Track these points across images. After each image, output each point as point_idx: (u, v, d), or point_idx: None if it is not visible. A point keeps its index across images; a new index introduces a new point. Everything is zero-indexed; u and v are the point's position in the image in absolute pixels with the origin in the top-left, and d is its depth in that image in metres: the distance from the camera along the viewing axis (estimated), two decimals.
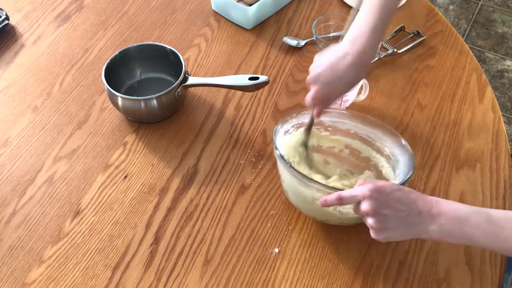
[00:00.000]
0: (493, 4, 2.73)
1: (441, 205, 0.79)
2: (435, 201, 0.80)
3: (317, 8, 1.41)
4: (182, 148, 1.13)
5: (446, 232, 0.79)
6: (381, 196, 0.80)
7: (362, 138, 1.03)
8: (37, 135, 1.16)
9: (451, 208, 0.79)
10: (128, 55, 1.20)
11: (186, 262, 0.97)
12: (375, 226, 0.81)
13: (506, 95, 2.35)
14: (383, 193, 0.80)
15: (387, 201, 0.79)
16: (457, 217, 0.78)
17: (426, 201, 0.80)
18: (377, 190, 0.80)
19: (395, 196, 0.80)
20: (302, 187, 0.91)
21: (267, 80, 1.10)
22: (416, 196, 0.81)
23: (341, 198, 0.83)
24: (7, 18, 1.36)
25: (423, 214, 0.79)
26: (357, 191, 0.82)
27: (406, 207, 0.80)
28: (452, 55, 1.29)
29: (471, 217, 0.78)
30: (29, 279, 0.95)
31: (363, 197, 0.81)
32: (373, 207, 0.80)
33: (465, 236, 0.79)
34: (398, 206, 0.80)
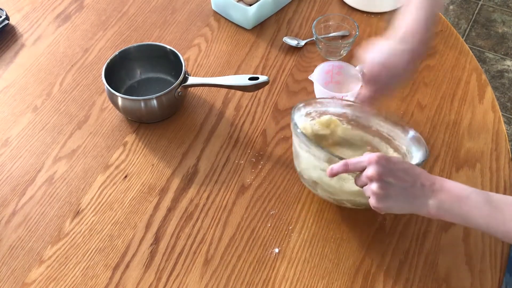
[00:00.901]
0: (493, 4, 2.73)
1: (444, 182, 0.81)
2: (439, 178, 0.82)
3: (317, 8, 1.41)
4: (182, 148, 1.13)
5: (445, 208, 0.80)
6: (388, 164, 0.81)
7: (383, 136, 1.04)
8: (37, 135, 1.16)
9: (454, 186, 0.81)
10: (128, 55, 1.20)
11: (186, 262, 0.97)
12: (378, 192, 0.81)
13: (506, 95, 2.35)
14: (390, 162, 0.81)
15: (393, 170, 0.81)
16: (458, 194, 0.80)
17: (430, 177, 0.82)
18: (385, 158, 0.81)
19: (401, 166, 0.82)
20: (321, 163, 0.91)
21: (267, 80, 1.10)
22: (421, 171, 0.83)
23: (347, 164, 0.84)
24: (7, 18, 1.36)
25: (426, 188, 0.80)
26: (364, 157, 0.83)
27: (410, 178, 0.81)
28: (452, 55, 1.29)
29: (472, 196, 0.79)
30: (29, 279, 0.95)
31: (369, 163, 0.81)
32: (379, 172, 0.80)
33: (463, 214, 0.80)
34: (403, 176, 0.81)
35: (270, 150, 1.12)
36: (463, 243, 0.98)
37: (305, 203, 1.04)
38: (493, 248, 0.97)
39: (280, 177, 1.08)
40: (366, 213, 1.00)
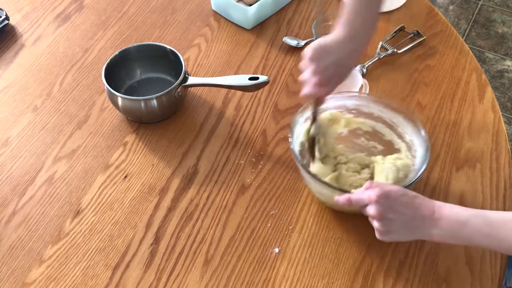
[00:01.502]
0: (493, 4, 2.73)
1: (442, 210, 0.82)
2: (437, 206, 0.83)
3: (317, 8, 1.41)
4: (182, 148, 1.13)
5: (447, 235, 0.83)
6: (387, 202, 0.83)
7: (386, 122, 1.04)
8: (37, 135, 1.16)
9: (452, 213, 0.82)
10: (128, 55, 1.20)
11: (186, 262, 0.97)
12: (381, 229, 0.85)
13: (506, 95, 2.35)
14: (389, 199, 0.83)
15: (392, 206, 0.83)
16: (457, 220, 0.81)
17: (428, 207, 0.83)
18: (383, 196, 0.83)
19: (400, 201, 0.83)
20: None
21: (267, 80, 1.10)
22: (420, 201, 0.84)
23: (350, 201, 0.88)
24: (7, 18, 1.36)
25: (426, 219, 0.82)
26: (364, 195, 0.85)
27: (410, 211, 0.83)
28: (452, 55, 1.29)
29: (471, 220, 0.81)
30: (29, 279, 0.95)
31: (370, 202, 0.84)
32: (379, 212, 0.83)
33: (465, 237, 0.82)
34: (403, 210, 0.83)
35: (270, 150, 1.12)
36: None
37: (305, 203, 1.04)
38: None
39: (280, 177, 1.08)
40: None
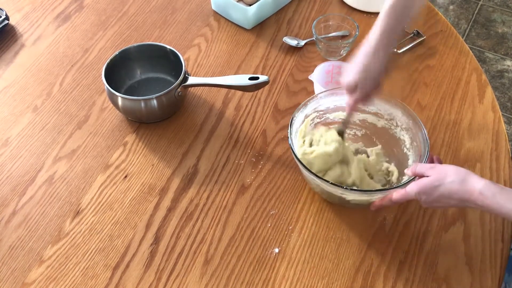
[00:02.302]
0: (493, 4, 2.73)
1: (484, 199, 0.83)
2: (478, 192, 0.83)
3: (317, 8, 1.41)
4: (182, 148, 1.13)
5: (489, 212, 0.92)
6: (427, 198, 0.88)
7: (376, 113, 1.07)
8: (37, 135, 1.16)
9: (494, 202, 0.82)
10: (128, 55, 1.20)
11: (186, 262, 0.97)
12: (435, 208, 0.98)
13: (506, 95, 2.35)
14: (426, 194, 0.88)
15: (434, 199, 0.87)
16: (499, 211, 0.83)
17: (468, 191, 0.84)
18: (420, 193, 0.88)
19: (437, 193, 0.86)
20: None
21: (267, 80, 1.10)
22: (457, 187, 0.85)
23: (393, 202, 0.93)
24: (7, 18, 1.36)
25: (469, 202, 0.85)
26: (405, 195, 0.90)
27: (450, 199, 0.86)
28: (452, 55, 1.29)
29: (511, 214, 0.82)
30: (29, 279, 0.95)
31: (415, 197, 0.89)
32: (426, 205, 0.90)
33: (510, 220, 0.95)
34: (443, 200, 0.87)
35: (270, 150, 1.12)
36: (463, 243, 0.98)
37: (305, 203, 1.04)
38: (493, 248, 0.97)
39: (280, 177, 1.08)
40: (366, 213, 1.00)
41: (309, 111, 1.06)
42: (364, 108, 1.07)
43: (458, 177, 0.85)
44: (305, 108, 1.04)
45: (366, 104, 1.05)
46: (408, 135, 1.03)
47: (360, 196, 0.96)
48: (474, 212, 1.02)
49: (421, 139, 0.99)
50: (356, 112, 1.06)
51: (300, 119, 1.04)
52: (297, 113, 1.03)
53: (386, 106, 1.05)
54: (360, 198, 0.96)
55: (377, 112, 1.07)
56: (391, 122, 1.06)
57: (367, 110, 1.07)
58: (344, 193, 0.95)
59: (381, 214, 1.02)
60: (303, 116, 1.05)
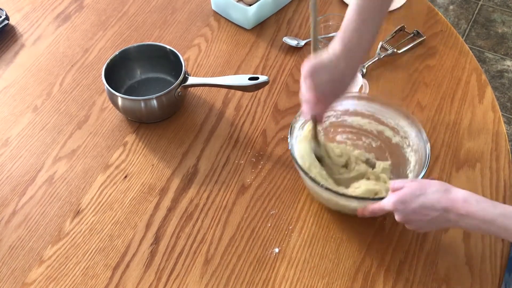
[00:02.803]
0: (493, 4, 2.73)
1: (468, 206, 0.81)
2: (462, 200, 0.81)
3: (317, 8, 1.41)
4: (182, 148, 1.13)
5: (475, 228, 0.84)
6: (405, 207, 0.84)
7: (375, 118, 1.07)
8: (37, 135, 1.16)
9: (479, 210, 0.80)
10: (128, 55, 1.20)
11: (186, 262, 0.97)
12: (410, 228, 0.89)
13: (506, 95, 2.35)
14: (406, 203, 0.84)
15: (412, 210, 0.84)
16: (483, 218, 0.80)
17: (452, 200, 0.82)
18: (399, 201, 0.85)
19: (417, 203, 0.83)
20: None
21: (267, 80, 1.10)
22: (440, 195, 0.83)
23: (373, 212, 0.91)
24: (7, 18, 1.36)
25: (451, 213, 0.82)
26: (383, 204, 0.88)
27: (431, 210, 0.83)
28: (452, 55, 1.29)
29: (497, 220, 0.79)
30: (29, 279, 0.95)
31: (391, 209, 0.86)
32: (401, 218, 0.86)
33: (492, 233, 0.86)
34: (423, 211, 0.83)
35: (270, 150, 1.12)
36: (463, 243, 0.98)
37: (305, 203, 1.04)
38: (493, 248, 0.97)
39: (280, 177, 1.08)
40: None
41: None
42: (383, 120, 1.05)
43: (442, 187, 0.84)
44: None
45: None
46: (415, 158, 1.01)
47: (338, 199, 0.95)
48: None
49: (422, 161, 0.97)
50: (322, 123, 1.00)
51: (300, 123, 1.03)
52: (298, 117, 1.02)
53: (404, 123, 1.03)
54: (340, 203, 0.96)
55: (395, 127, 1.05)
56: (405, 141, 1.04)
57: (386, 122, 1.05)
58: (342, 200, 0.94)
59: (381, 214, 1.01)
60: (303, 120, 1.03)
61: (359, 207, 0.94)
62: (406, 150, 1.03)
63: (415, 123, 1.01)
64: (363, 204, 0.94)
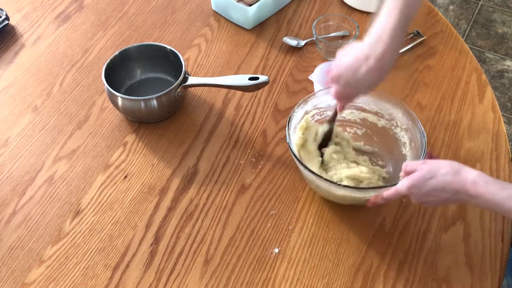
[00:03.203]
0: (493, 4, 2.73)
1: (477, 187, 0.83)
2: (471, 181, 0.83)
3: (317, 8, 1.41)
4: (182, 148, 1.13)
5: (483, 207, 0.93)
6: (418, 191, 0.87)
7: (357, 107, 1.08)
8: (37, 135, 1.16)
9: (487, 192, 0.82)
10: (128, 55, 1.20)
11: (186, 262, 0.97)
12: (428, 206, 1.00)
13: (506, 95, 2.35)
14: (418, 187, 0.87)
15: (425, 193, 0.87)
16: (492, 200, 0.82)
17: (461, 182, 0.84)
18: (411, 186, 0.87)
19: (429, 186, 0.86)
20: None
21: (267, 80, 1.10)
22: (450, 178, 0.85)
23: (385, 199, 0.92)
24: (7, 18, 1.36)
25: (461, 193, 0.84)
26: (397, 190, 0.90)
27: (442, 191, 0.86)
28: (452, 55, 1.29)
29: (504, 202, 0.81)
30: (29, 279, 0.95)
31: (406, 193, 0.89)
32: (417, 199, 0.89)
33: (501, 213, 0.94)
34: (435, 193, 0.86)
35: (270, 150, 1.12)
36: (463, 243, 0.98)
37: (305, 203, 1.04)
38: (493, 248, 0.97)
39: (280, 177, 1.08)
40: (366, 213, 1.00)
41: (309, 108, 1.06)
42: (365, 107, 1.07)
43: (452, 169, 0.85)
44: (305, 104, 1.04)
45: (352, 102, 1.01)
46: (408, 136, 1.03)
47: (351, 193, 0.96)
48: (474, 212, 1.01)
49: (418, 139, 0.99)
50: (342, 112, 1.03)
51: (300, 115, 1.04)
52: (297, 108, 1.03)
53: (386, 105, 1.05)
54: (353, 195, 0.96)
55: (378, 111, 1.07)
56: (392, 122, 1.06)
57: (368, 109, 1.07)
58: (337, 189, 0.95)
59: (381, 214, 1.02)
60: (302, 112, 1.05)
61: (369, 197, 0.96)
62: (395, 131, 1.05)
63: (399, 104, 1.03)
64: (371, 193, 0.95)
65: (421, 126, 0.99)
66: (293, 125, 1.02)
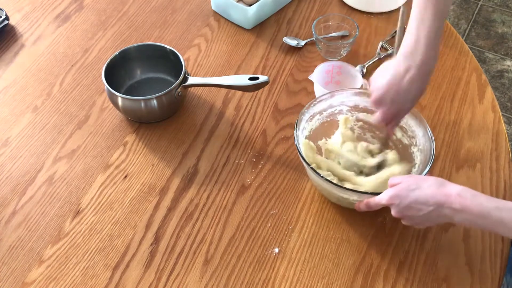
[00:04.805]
0: (493, 4, 2.73)
1: (464, 200, 0.80)
2: (456, 194, 0.81)
3: (317, 8, 1.41)
4: (182, 148, 1.13)
5: (470, 223, 0.84)
6: (400, 202, 0.84)
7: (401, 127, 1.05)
8: (37, 135, 1.16)
9: (474, 204, 0.80)
10: (128, 55, 1.20)
11: (186, 262, 0.97)
12: (406, 223, 0.90)
13: (506, 95, 2.35)
14: (400, 198, 0.84)
15: (407, 205, 0.84)
16: (479, 213, 0.80)
17: (446, 194, 0.82)
18: (394, 197, 0.85)
19: (412, 197, 0.83)
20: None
21: (267, 80, 1.10)
22: (434, 190, 0.83)
23: (370, 207, 0.92)
24: (7, 18, 1.36)
25: (445, 208, 0.81)
26: (380, 198, 0.89)
27: (425, 205, 0.83)
28: (452, 55, 1.29)
29: (492, 213, 0.79)
30: (29, 279, 0.95)
31: (387, 204, 0.87)
32: (397, 212, 0.87)
33: (488, 228, 0.85)
34: (418, 206, 0.83)
35: (270, 150, 1.12)
36: (463, 243, 0.98)
37: (305, 203, 1.04)
38: (493, 248, 0.97)
39: (280, 177, 1.08)
40: (366, 213, 1.00)
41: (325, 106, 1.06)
42: None
43: (436, 182, 0.84)
44: (314, 105, 1.04)
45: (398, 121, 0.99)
46: (420, 158, 1.00)
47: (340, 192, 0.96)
48: None
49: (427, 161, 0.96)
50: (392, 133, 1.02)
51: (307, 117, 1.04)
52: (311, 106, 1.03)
53: (412, 122, 1.02)
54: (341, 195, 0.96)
55: (403, 126, 1.04)
56: (412, 141, 1.03)
57: None
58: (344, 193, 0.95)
59: (381, 214, 1.02)
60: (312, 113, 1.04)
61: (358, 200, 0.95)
62: (413, 150, 1.03)
63: (422, 122, 1.00)
64: (361, 197, 0.94)
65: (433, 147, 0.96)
66: (302, 127, 1.02)
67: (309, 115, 1.04)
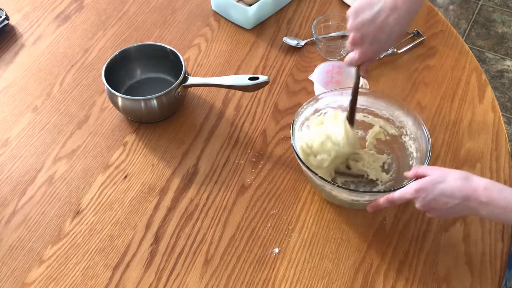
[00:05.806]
0: (493, 4, 2.73)
1: (490, 193, 0.80)
2: (483, 187, 0.81)
3: (317, 8, 1.41)
4: (182, 148, 1.13)
5: (495, 216, 0.83)
6: (425, 195, 0.83)
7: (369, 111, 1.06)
8: (37, 135, 1.16)
9: (501, 197, 0.80)
10: (128, 55, 1.20)
11: (186, 262, 0.97)
12: (430, 215, 0.88)
13: (506, 95, 2.35)
14: (427, 191, 0.83)
15: (432, 199, 0.83)
16: (505, 206, 0.79)
17: (473, 187, 0.81)
18: (421, 190, 0.84)
19: (437, 191, 0.83)
20: None
21: (267, 80, 1.10)
22: (460, 183, 0.82)
23: (393, 201, 0.89)
24: (7, 18, 1.36)
25: (472, 201, 0.81)
26: (404, 192, 0.87)
27: (451, 198, 0.82)
28: (452, 55, 1.29)
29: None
30: (29, 279, 0.95)
31: (411, 197, 0.85)
32: (423, 205, 0.85)
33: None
34: (443, 199, 0.82)
35: (270, 150, 1.12)
36: (463, 243, 0.98)
37: (305, 203, 1.04)
38: (493, 248, 0.97)
39: (280, 177, 1.08)
40: (366, 213, 1.00)
41: (321, 106, 1.05)
42: (377, 112, 1.05)
43: (461, 175, 0.83)
44: (315, 102, 1.04)
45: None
46: (415, 146, 1.01)
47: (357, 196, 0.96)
48: None
49: (424, 147, 0.97)
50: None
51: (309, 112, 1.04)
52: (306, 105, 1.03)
53: (398, 112, 1.03)
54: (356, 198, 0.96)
55: (390, 118, 1.05)
56: (402, 131, 1.04)
57: (380, 114, 1.06)
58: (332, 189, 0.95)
59: (381, 214, 1.02)
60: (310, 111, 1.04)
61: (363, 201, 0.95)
62: (404, 140, 1.04)
63: (410, 112, 1.01)
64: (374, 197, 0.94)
65: (427, 132, 0.97)
66: (297, 125, 1.02)
67: (299, 123, 1.03)
